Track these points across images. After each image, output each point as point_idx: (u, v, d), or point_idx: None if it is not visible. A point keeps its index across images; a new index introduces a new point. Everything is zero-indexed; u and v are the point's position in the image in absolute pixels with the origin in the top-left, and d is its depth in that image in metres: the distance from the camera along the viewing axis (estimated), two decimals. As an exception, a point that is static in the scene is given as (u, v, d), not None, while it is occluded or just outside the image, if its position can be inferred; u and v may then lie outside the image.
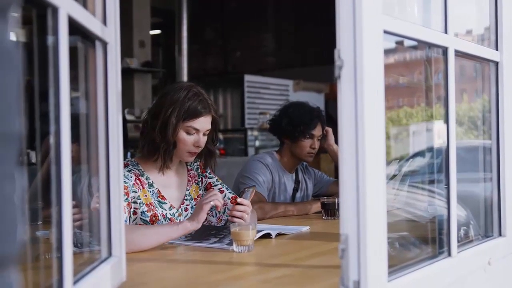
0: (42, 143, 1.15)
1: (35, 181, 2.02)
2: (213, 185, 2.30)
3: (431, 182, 1.88)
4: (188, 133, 2.10)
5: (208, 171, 2.34)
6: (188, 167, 2.31)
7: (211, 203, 1.91)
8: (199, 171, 2.32)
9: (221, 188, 2.30)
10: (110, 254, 1.34)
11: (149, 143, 2.12)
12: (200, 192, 2.29)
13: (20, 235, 0.56)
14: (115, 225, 1.35)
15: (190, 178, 2.28)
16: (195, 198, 2.26)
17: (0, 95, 0.52)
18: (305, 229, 2.29)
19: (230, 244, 1.85)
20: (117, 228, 1.35)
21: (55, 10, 0.97)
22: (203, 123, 2.11)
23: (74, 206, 1.04)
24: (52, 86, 0.96)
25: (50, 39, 0.98)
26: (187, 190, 2.25)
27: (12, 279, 0.55)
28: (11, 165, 0.55)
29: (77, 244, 1.28)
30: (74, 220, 1.24)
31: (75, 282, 1.05)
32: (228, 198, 2.27)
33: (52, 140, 0.98)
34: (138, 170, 2.14)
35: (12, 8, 0.59)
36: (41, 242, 1.42)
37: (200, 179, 2.31)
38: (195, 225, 1.90)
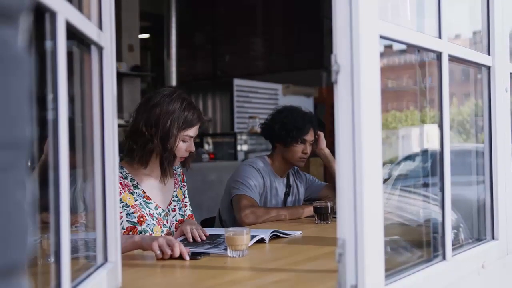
0: (42, 147, 1.14)
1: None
2: (183, 195, 2.39)
3: (423, 185, 1.89)
4: (184, 141, 2.20)
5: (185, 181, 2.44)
6: (173, 170, 2.37)
7: (157, 252, 1.78)
8: (179, 178, 2.41)
9: (187, 202, 2.40)
10: (106, 259, 1.33)
11: (148, 152, 2.15)
12: (183, 196, 2.38)
13: (30, 242, 0.55)
14: (110, 231, 1.34)
15: (176, 181, 2.37)
16: (181, 200, 2.35)
17: (11, 101, 0.52)
18: (298, 233, 2.30)
19: (226, 250, 1.85)
20: (112, 233, 1.34)
21: (53, 15, 0.96)
22: (196, 130, 2.24)
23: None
24: (50, 91, 0.96)
25: (47, 44, 0.98)
26: (174, 191, 2.33)
27: (23, 285, 0.55)
28: (22, 172, 0.54)
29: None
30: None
31: (72, 288, 1.04)
32: (186, 215, 2.35)
33: (49, 144, 0.98)
34: (122, 173, 2.18)
35: (23, 15, 0.59)
36: (35, 248, 1.41)
37: (180, 186, 2.41)
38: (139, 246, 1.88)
